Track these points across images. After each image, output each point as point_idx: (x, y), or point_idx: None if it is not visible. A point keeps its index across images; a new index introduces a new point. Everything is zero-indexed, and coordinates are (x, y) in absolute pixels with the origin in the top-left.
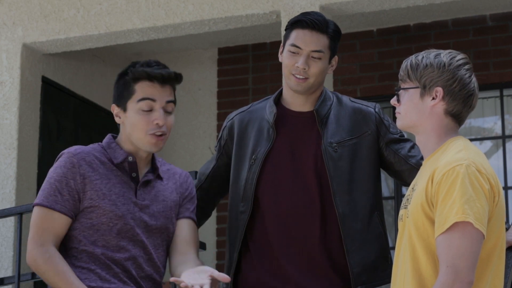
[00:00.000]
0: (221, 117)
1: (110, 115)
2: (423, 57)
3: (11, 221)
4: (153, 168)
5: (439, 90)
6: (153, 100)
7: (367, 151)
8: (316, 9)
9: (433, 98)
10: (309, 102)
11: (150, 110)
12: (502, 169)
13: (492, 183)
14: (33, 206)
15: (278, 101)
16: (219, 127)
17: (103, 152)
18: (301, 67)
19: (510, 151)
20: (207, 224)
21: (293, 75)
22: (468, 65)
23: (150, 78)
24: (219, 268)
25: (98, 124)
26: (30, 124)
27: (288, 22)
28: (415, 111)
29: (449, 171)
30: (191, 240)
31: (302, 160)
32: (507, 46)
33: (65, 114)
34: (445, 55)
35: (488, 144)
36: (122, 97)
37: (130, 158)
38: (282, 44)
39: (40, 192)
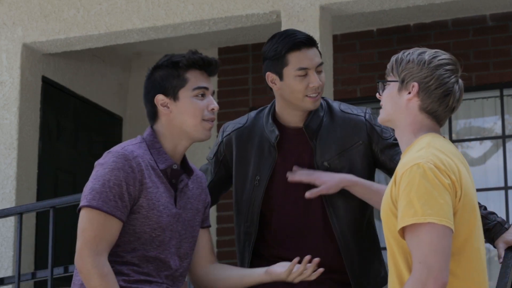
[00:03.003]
0: (221, 117)
1: (110, 115)
2: (408, 53)
3: (11, 221)
4: (186, 169)
5: (415, 85)
6: (206, 88)
7: (361, 160)
8: (316, 9)
9: (409, 93)
10: (304, 116)
11: (203, 97)
12: (502, 169)
13: (453, 179)
14: (82, 207)
15: (274, 117)
16: (219, 127)
17: (150, 154)
18: (317, 85)
19: (510, 151)
20: None
21: (307, 96)
22: (450, 66)
23: (203, 66)
24: None
25: (98, 124)
26: (30, 124)
27: (274, 50)
28: (391, 104)
29: (406, 172)
30: (212, 247)
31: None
32: (507, 46)
33: (65, 114)
34: (429, 53)
35: (488, 144)
36: (171, 86)
37: (175, 166)
38: (272, 71)
39: (92, 193)
